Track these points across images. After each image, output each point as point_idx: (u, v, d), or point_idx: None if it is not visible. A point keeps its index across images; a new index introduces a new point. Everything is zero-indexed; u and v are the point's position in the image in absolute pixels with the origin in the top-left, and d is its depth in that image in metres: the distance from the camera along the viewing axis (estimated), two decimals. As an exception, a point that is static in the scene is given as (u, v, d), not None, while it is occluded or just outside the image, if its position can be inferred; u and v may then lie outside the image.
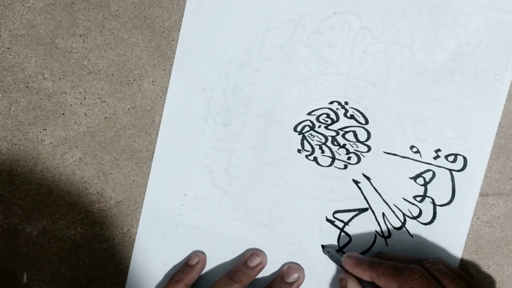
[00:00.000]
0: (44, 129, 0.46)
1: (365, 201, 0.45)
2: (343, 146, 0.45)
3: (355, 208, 0.45)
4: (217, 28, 0.45)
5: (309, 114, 0.45)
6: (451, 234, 0.44)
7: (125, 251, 0.46)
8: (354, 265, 0.41)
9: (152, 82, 0.45)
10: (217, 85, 0.45)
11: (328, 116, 0.45)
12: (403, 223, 0.45)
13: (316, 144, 0.45)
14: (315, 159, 0.45)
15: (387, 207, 0.45)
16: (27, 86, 0.46)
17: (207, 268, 0.46)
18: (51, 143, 0.46)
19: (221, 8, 0.45)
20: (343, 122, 0.45)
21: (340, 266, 0.43)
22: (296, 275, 0.44)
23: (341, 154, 0.45)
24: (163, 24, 0.45)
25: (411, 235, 0.45)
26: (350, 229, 0.45)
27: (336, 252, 0.44)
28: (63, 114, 0.46)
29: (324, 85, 0.45)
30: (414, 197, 0.45)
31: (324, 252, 0.44)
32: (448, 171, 0.44)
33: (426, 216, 0.44)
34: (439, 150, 0.44)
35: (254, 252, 0.45)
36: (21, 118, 0.46)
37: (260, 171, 0.45)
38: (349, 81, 0.44)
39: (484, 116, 0.44)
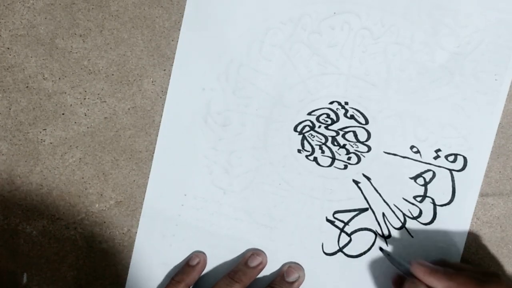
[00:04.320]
0: (44, 129, 0.46)
1: (365, 201, 0.45)
2: (343, 146, 0.45)
3: (355, 208, 0.45)
4: (217, 28, 0.45)
5: (309, 114, 0.45)
6: (451, 234, 0.44)
7: (125, 251, 0.46)
8: (429, 273, 0.39)
9: (152, 82, 0.45)
10: (217, 85, 0.45)
11: (328, 116, 0.45)
12: (403, 223, 0.45)
13: (316, 144, 0.45)
14: (315, 159, 0.45)
15: (387, 207, 0.45)
16: (27, 86, 0.46)
17: (207, 268, 0.46)
18: (51, 143, 0.46)
19: (221, 8, 0.45)
20: (343, 122, 0.45)
21: (403, 272, 0.42)
22: (296, 275, 0.44)
23: (341, 154, 0.45)
24: (163, 24, 0.45)
25: (411, 235, 0.45)
26: (350, 229, 0.45)
27: (398, 256, 0.43)
28: (63, 114, 0.46)
29: (324, 85, 0.45)
30: (414, 197, 0.45)
31: (384, 254, 0.44)
32: (448, 171, 0.44)
33: (426, 216, 0.44)
34: (439, 150, 0.44)
35: (254, 252, 0.45)
36: (21, 118, 0.46)
37: (260, 171, 0.45)
38: (349, 81, 0.44)
39: (484, 116, 0.44)
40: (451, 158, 0.44)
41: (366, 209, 0.45)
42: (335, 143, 0.45)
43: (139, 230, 0.46)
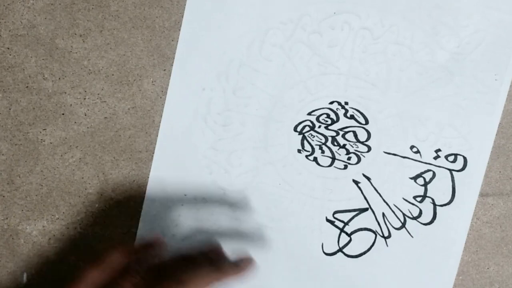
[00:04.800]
0: (44, 129, 0.46)
1: (365, 201, 0.45)
2: (343, 146, 0.45)
3: (355, 208, 0.45)
4: (217, 28, 0.45)
5: (309, 114, 0.45)
6: (451, 234, 0.44)
7: (125, 251, 0.46)
8: None
9: (152, 82, 0.45)
10: (217, 85, 0.45)
11: (328, 116, 0.45)
12: (403, 223, 0.45)
13: (316, 144, 0.45)
14: (315, 159, 0.45)
15: (387, 207, 0.45)
16: (27, 86, 0.46)
17: (207, 268, 0.46)
18: (51, 143, 0.46)
19: (221, 8, 0.45)
20: (343, 122, 0.45)
21: None
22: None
23: (341, 154, 0.45)
24: (163, 24, 0.45)
25: (411, 235, 0.45)
26: (350, 229, 0.45)
27: None
28: (63, 114, 0.46)
29: (324, 85, 0.45)
30: (414, 197, 0.45)
31: None
32: (448, 171, 0.44)
33: (426, 216, 0.44)
34: (439, 150, 0.44)
35: (246, 255, 0.44)
36: (21, 118, 0.46)
37: (260, 171, 0.45)
38: (349, 81, 0.44)
39: (484, 116, 0.44)
40: (451, 158, 0.44)
41: (366, 209, 0.45)
42: (335, 143, 0.45)
43: (139, 230, 0.46)
